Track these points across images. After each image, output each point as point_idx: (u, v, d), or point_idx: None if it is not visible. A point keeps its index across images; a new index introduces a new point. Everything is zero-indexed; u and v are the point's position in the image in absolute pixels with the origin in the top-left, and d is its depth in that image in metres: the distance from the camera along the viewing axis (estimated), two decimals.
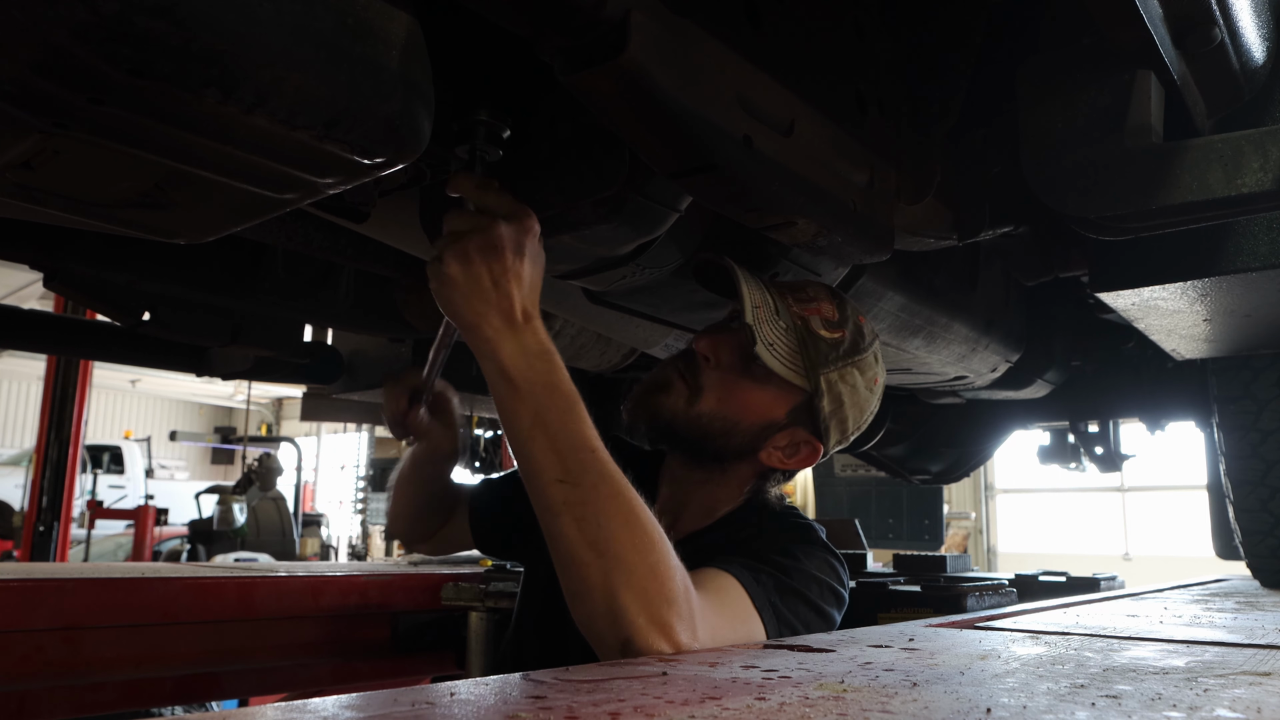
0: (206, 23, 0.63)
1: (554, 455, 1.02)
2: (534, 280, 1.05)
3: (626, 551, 0.98)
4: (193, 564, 5.97)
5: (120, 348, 2.37)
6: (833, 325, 1.30)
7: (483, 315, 1.02)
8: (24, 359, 15.89)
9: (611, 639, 0.97)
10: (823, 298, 1.33)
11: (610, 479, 1.02)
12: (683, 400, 1.31)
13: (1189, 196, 1.08)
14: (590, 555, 0.98)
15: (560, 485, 1.01)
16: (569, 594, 1.02)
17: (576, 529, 0.99)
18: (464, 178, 1.05)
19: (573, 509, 1.00)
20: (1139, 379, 2.84)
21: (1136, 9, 0.95)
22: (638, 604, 0.97)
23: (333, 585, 2.42)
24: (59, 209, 0.85)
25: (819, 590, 1.24)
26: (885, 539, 5.14)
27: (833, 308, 1.32)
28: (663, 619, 0.97)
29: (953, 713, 0.67)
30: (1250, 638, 1.22)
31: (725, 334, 1.33)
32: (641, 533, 1.00)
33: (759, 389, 1.30)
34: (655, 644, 0.96)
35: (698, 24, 0.89)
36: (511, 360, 1.03)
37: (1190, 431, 3.13)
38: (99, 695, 1.95)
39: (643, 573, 0.98)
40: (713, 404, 1.30)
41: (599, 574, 0.98)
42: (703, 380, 1.31)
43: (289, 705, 0.67)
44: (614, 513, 1.00)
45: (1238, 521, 2.35)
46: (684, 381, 1.32)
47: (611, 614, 0.97)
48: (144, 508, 8.77)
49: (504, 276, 1.01)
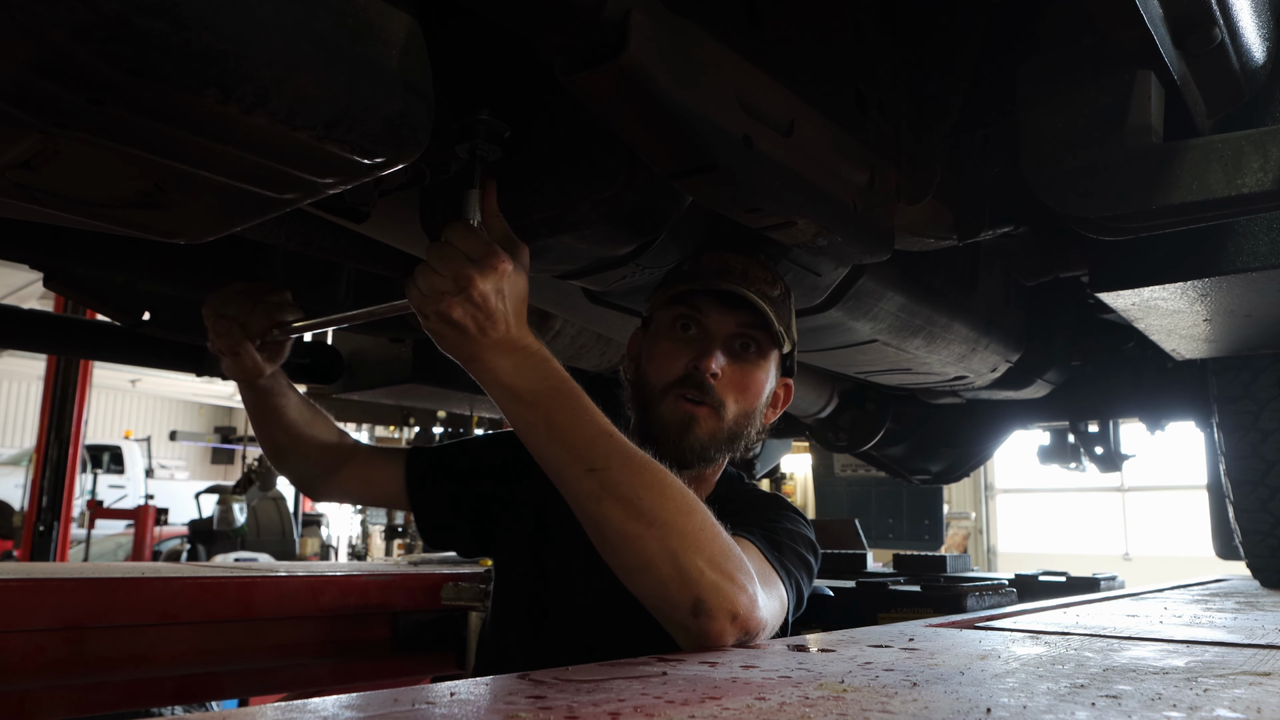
0: (206, 23, 0.63)
1: (577, 450, 1.07)
2: (518, 304, 1.08)
3: (675, 517, 1.04)
4: (193, 564, 5.98)
5: (120, 348, 2.37)
6: (773, 282, 1.37)
7: (475, 353, 1.06)
8: (24, 359, 15.88)
9: (684, 599, 1.02)
10: (754, 267, 1.36)
11: (635, 456, 1.07)
12: (713, 422, 1.34)
13: (1189, 196, 1.08)
14: (642, 528, 1.03)
15: (592, 475, 1.05)
16: (628, 571, 1.06)
17: (621, 508, 1.04)
18: (454, 226, 1.05)
19: (611, 491, 1.04)
20: (1139, 379, 2.84)
21: (1136, 9, 0.95)
22: (702, 560, 1.03)
23: (333, 585, 2.42)
24: (59, 209, 0.85)
25: (807, 546, 1.34)
26: (885, 539, 5.14)
27: (761, 269, 1.37)
28: (728, 570, 1.04)
29: (953, 713, 0.67)
30: (1250, 638, 1.22)
31: (712, 344, 1.34)
32: (682, 497, 1.06)
33: (758, 369, 1.37)
34: (727, 591, 1.02)
35: (697, 24, 0.89)
36: (511, 379, 1.07)
37: (1190, 431, 3.13)
38: (99, 695, 1.94)
39: (695, 531, 1.04)
40: (735, 408, 1.35)
41: (656, 543, 1.02)
42: (721, 394, 1.34)
43: (289, 705, 0.67)
44: (652, 484, 1.05)
45: (1238, 521, 2.35)
46: (704, 407, 1.33)
47: (680, 576, 1.02)
48: (144, 508, 8.76)
49: (488, 321, 1.04)
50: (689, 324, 1.35)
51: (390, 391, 2.76)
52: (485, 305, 1.02)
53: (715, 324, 1.34)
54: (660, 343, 1.37)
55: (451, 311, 1.02)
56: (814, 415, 2.95)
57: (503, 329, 1.05)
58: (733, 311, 1.33)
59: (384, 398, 2.90)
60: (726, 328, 1.34)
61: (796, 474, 12.35)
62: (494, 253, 1.03)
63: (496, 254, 1.03)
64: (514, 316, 1.06)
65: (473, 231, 1.04)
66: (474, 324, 1.03)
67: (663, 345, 1.37)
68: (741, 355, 1.35)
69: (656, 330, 1.39)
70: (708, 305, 1.33)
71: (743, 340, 1.35)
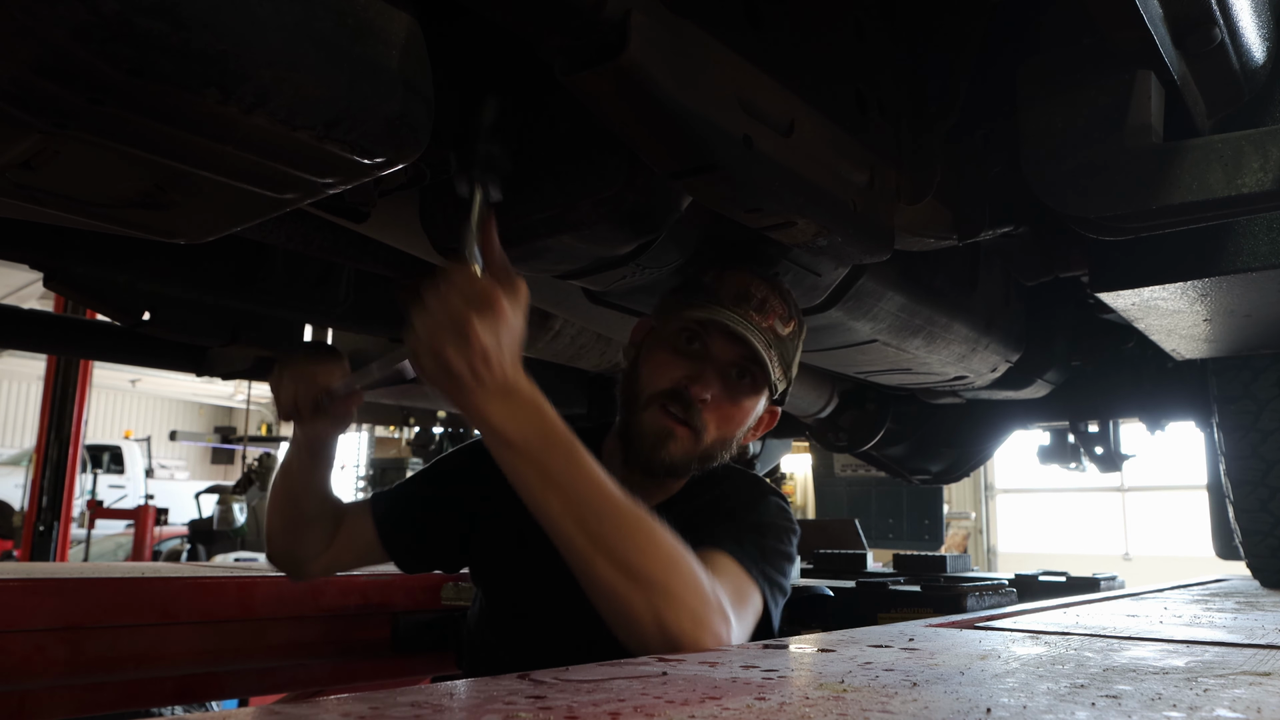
0: (206, 23, 0.63)
1: (569, 503, 1.06)
2: (514, 348, 1.05)
3: (661, 574, 1.05)
4: (193, 564, 5.98)
5: (120, 348, 2.37)
6: (787, 319, 1.37)
7: (467, 397, 1.03)
8: (24, 359, 15.89)
9: (661, 647, 1.05)
10: (773, 299, 1.36)
11: (627, 512, 1.07)
12: (689, 443, 1.35)
13: (1189, 196, 1.08)
14: (629, 585, 1.04)
15: (583, 529, 1.05)
16: (611, 616, 1.08)
17: (610, 565, 1.05)
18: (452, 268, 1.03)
19: (601, 547, 1.05)
20: (1139, 379, 2.84)
21: (1136, 9, 0.95)
22: (685, 617, 1.05)
23: (333, 585, 2.42)
24: (59, 209, 0.85)
25: (786, 537, 1.38)
26: (885, 539, 5.14)
27: (780, 302, 1.37)
28: (707, 620, 1.07)
29: (953, 713, 0.67)
30: (1250, 638, 1.22)
31: (709, 369, 1.35)
32: (669, 551, 1.07)
33: (748, 401, 1.39)
34: (703, 640, 1.05)
35: (697, 24, 0.89)
36: (503, 424, 1.05)
37: (1190, 431, 3.13)
38: (99, 695, 1.94)
39: (679, 588, 1.06)
40: (714, 433, 1.37)
41: (642, 602, 1.04)
42: (704, 419, 1.35)
43: (289, 705, 0.67)
44: (641, 541, 1.06)
45: (1238, 521, 2.35)
46: (684, 426, 1.34)
47: (662, 632, 1.04)
48: (144, 507, 8.76)
49: (485, 367, 1.01)
50: (694, 339, 1.35)
51: (390, 391, 2.76)
52: (483, 351, 1.00)
53: (719, 349, 1.34)
54: (660, 350, 1.37)
55: (449, 359, 1.00)
56: (814, 415, 2.95)
57: (499, 375, 1.02)
58: (737, 344, 1.33)
59: (384, 398, 2.91)
60: (727, 355, 1.34)
61: (796, 474, 12.36)
62: (493, 295, 1.00)
63: (495, 296, 1.01)
64: (510, 361, 1.04)
65: (471, 273, 1.02)
66: (469, 371, 1.01)
67: (662, 354, 1.37)
68: (736, 384, 1.36)
69: (661, 335, 1.39)
70: (715, 330, 1.33)
71: (740, 370, 1.35)
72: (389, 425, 4.86)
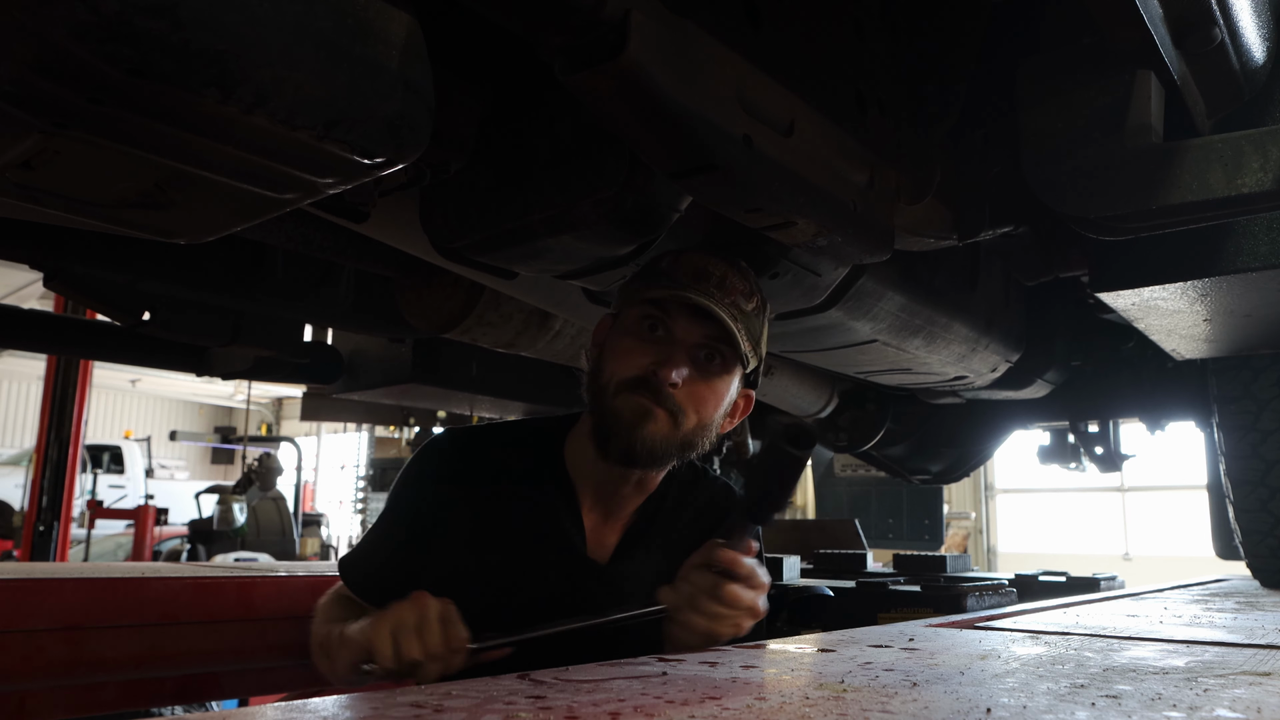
0: (206, 23, 0.63)
1: None
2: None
3: None
4: (193, 564, 5.98)
5: (120, 348, 2.37)
6: (750, 295, 1.33)
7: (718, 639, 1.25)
8: (24, 359, 15.89)
9: None
10: (732, 275, 1.32)
11: None
12: (667, 426, 1.31)
13: (1189, 196, 1.08)
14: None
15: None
16: None
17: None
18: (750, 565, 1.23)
19: None
20: (1139, 379, 2.84)
21: (1136, 9, 0.95)
22: None
23: (333, 585, 2.41)
24: (59, 209, 0.85)
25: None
26: (885, 539, 5.14)
27: (740, 279, 1.33)
28: None
29: (953, 713, 0.67)
30: (1250, 638, 1.22)
31: (676, 352, 1.31)
32: None
33: (721, 382, 1.35)
34: None
35: (697, 24, 0.89)
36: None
37: (1190, 431, 3.13)
38: (99, 695, 1.94)
39: None
40: (693, 418, 1.33)
41: None
42: (678, 402, 1.31)
43: (289, 705, 0.67)
44: None
45: (1238, 521, 2.35)
46: (660, 409, 1.30)
47: None
48: (144, 507, 8.76)
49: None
50: (656, 325, 1.31)
51: (390, 391, 2.76)
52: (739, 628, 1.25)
53: (682, 331, 1.30)
54: (625, 339, 1.33)
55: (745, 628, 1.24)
56: (814, 415, 2.95)
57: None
58: (702, 322, 1.29)
59: (384, 398, 2.90)
60: (693, 337, 1.30)
61: None
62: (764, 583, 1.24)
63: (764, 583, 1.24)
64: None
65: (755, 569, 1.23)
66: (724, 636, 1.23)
67: (626, 342, 1.33)
68: (705, 366, 1.32)
69: (623, 324, 1.35)
70: (677, 311, 1.29)
71: (708, 351, 1.31)
72: (389, 425, 4.85)
